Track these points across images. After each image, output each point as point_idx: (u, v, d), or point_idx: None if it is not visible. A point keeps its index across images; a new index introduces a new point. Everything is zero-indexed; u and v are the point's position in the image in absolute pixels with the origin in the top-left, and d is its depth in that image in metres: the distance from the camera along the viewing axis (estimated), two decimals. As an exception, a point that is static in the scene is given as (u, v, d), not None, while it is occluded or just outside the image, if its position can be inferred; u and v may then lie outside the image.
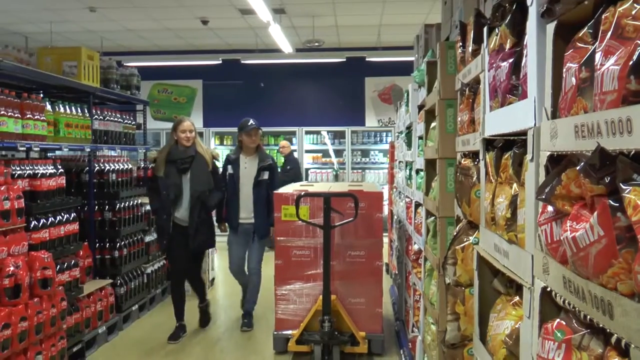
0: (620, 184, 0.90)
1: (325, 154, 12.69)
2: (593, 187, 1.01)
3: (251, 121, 5.86)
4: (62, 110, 5.16)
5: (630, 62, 0.91)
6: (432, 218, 3.39)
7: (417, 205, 4.26)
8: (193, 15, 9.78)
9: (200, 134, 12.37)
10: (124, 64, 7.88)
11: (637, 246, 0.85)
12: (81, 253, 5.20)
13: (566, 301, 1.20)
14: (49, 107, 4.96)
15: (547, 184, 1.17)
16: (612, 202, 0.94)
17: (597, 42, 1.07)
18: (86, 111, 5.60)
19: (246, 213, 5.81)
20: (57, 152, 6.24)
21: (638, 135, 0.89)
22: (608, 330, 0.98)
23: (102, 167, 5.93)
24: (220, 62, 12.39)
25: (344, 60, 12.22)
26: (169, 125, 6.28)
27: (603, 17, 1.06)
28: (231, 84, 12.69)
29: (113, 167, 6.04)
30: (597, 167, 0.98)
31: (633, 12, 0.96)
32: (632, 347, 0.88)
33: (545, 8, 1.30)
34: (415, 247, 4.40)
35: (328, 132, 12.57)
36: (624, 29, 0.97)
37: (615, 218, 0.93)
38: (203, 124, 12.60)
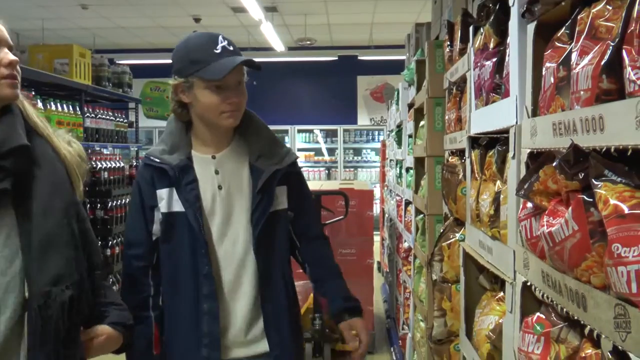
0: (592, 180, 0.93)
1: (318, 152, 12.72)
2: (568, 182, 1.04)
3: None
4: (53, 108, 5.16)
5: (602, 62, 0.94)
6: (421, 216, 3.42)
7: (407, 203, 4.30)
8: (186, 13, 9.79)
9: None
10: (116, 62, 7.89)
11: (607, 240, 0.88)
12: (73, 251, 5.17)
13: (545, 295, 1.23)
14: (40, 104, 4.96)
15: (526, 180, 1.20)
16: (585, 198, 0.97)
17: (574, 42, 1.10)
18: (78, 109, 5.60)
19: (237, 331, 2.01)
20: (49, 150, 6.23)
21: (610, 132, 0.91)
22: (582, 322, 1.01)
23: (94, 165, 5.93)
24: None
25: (336, 58, 12.25)
26: (162, 123, 6.02)
27: (579, 17, 1.09)
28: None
29: (105, 165, 6.04)
30: (572, 163, 1.01)
31: (606, 14, 0.99)
32: (602, 337, 0.91)
33: (525, 8, 1.33)
34: (406, 244, 4.44)
35: (320, 130, 12.60)
36: (597, 29, 1.00)
37: (588, 213, 0.96)
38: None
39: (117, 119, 6.56)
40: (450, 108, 2.45)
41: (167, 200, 1.96)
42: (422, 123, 3.35)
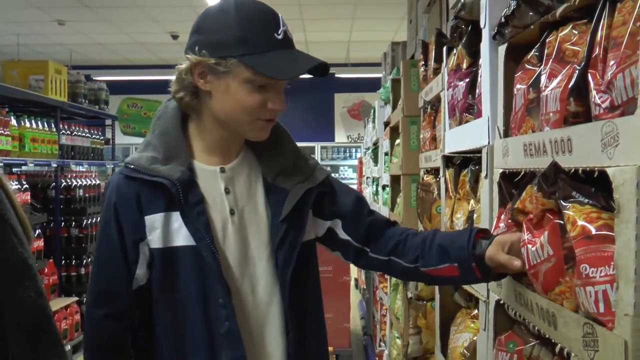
0: (561, 201, 0.95)
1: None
2: (545, 201, 1.05)
3: None
4: (27, 124, 5.11)
5: (570, 85, 0.96)
6: (398, 233, 3.43)
7: (384, 220, 4.30)
8: (163, 30, 9.77)
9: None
10: (93, 78, 7.84)
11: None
12: (46, 270, 5.11)
13: (517, 313, 1.24)
14: (14, 121, 4.91)
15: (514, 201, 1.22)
16: (561, 222, 0.98)
17: (543, 65, 1.12)
18: (53, 126, 5.55)
19: None
20: (23, 168, 6.17)
21: (577, 154, 0.93)
22: (553, 340, 1.02)
23: (69, 183, 5.87)
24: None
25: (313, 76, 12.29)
26: (139, 140, 5.93)
27: (547, 41, 1.12)
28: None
29: (80, 182, 5.98)
30: (550, 181, 1.01)
31: (572, 38, 1.01)
32: (572, 356, 0.93)
33: (496, 30, 1.35)
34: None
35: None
36: (564, 52, 1.03)
37: (564, 238, 0.97)
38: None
39: (94, 136, 6.51)
40: (425, 127, 2.47)
41: (163, 230, 1.41)
42: (397, 141, 3.37)
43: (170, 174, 1.39)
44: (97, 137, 6.65)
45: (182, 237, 1.39)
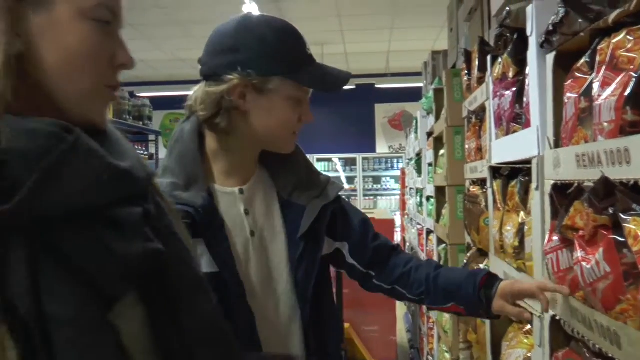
0: (621, 214, 0.91)
1: (337, 181, 12.69)
2: (597, 217, 1.01)
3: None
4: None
5: (626, 93, 0.92)
6: (443, 245, 3.38)
7: (429, 232, 4.25)
8: (202, 46, 9.90)
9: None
10: (136, 95, 7.98)
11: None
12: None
13: (575, 330, 1.20)
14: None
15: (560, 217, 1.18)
16: (617, 238, 0.94)
17: (595, 73, 1.08)
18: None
19: None
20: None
21: (636, 165, 0.89)
22: (617, 359, 0.98)
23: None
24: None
25: (354, 87, 12.30)
26: None
27: (599, 48, 1.08)
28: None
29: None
30: (601, 197, 0.98)
31: (627, 44, 0.97)
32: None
33: (544, 39, 1.32)
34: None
35: (339, 159, 12.61)
36: (618, 60, 0.99)
37: (621, 254, 0.93)
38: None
39: (138, 152, 6.61)
40: (470, 137, 2.43)
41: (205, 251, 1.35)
42: (441, 152, 3.33)
43: (193, 201, 1.33)
44: (142, 152, 6.76)
45: (205, 264, 1.33)
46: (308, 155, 1.60)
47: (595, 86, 1.06)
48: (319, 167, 12.60)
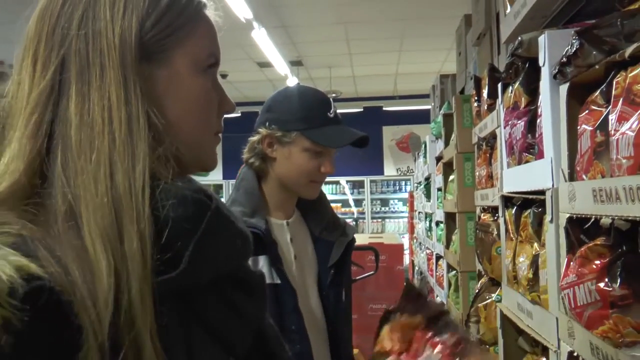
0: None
1: (345, 204, 12.67)
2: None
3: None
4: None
5: (645, 130, 0.90)
6: (454, 272, 3.34)
7: (438, 257, 4.22)
8: (212, 71, 9.96)
9: (220, 187, 12.46)
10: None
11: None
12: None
13: (593, 368, 1.16)
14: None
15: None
16: None
17: (610, 106, 1.06)
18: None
19: None
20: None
21: (657, 203, 0.87)
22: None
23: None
24: (240, 114, 12.53)
25: (362, 110, 12.32)
26: (210, 178, 5.95)
27: (614, 81, 1.06)
28: (251, 136, 12.81)
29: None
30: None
31: (645, 80, 0.95)
32: None
33: (557, 70, 1.30)
34: (438, 299, 4.33)
35: (347, 181, 12.59)
36: (635, 94, 0.97)
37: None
38: (222, 176, 12.67)
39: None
40: (481, 164, 2.41)
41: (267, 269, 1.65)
42: (451, 177, 3.31)
43: (259, 225, 1.65)
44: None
45: (268, 276, 1.60)
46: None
47: (611, 120, 1.04)
48: (327, 189, 12.58)
